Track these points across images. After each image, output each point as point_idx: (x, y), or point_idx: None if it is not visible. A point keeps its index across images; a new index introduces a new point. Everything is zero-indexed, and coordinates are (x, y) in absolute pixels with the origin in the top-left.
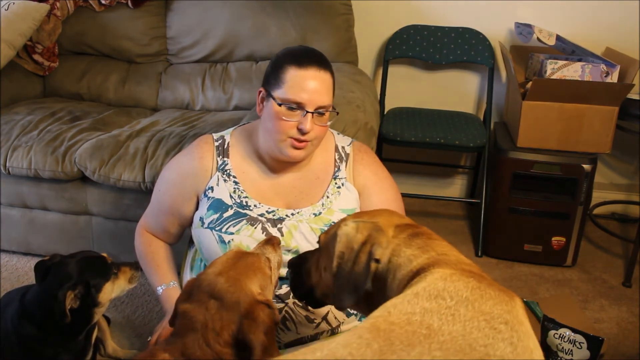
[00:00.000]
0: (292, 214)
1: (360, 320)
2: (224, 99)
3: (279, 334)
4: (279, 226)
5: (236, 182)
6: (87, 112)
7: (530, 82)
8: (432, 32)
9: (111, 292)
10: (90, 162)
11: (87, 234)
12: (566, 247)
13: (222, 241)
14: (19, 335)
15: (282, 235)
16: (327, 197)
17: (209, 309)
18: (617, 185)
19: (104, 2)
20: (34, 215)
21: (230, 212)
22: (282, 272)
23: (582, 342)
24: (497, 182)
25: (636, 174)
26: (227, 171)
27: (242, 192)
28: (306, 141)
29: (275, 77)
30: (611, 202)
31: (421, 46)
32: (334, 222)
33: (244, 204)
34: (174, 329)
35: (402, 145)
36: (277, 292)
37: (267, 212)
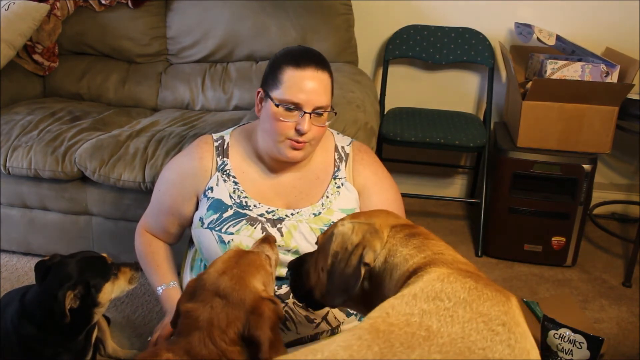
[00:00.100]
0: (291, 214)
1: (360, 320)
2: (224, 99)
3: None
4: (279, 226)
5: (236, 182)
6: (87, 112)
7: (530, 82)
8: (432, 32)
9: (111, 293)
10: (90, 162)
11: (87, 234)
12: (566, 247)
13: (222, 241)
14: (19, 335)
15: (281, 235)
16: (327, 197)
17: (214, 308)
18: (617, 185)
19: (104, 2)
20: (34, 215)
21: (230, 212)
22: (282, 272)
23: (582, 342)
24: (497, 182)
25: (636, 174)
26: (227, 171)
27: (241, 192)
28: (304, 142)
29: (273, 77)
30: (611, 202)
31: (421, 46)
32: (333, 222)
33: (244, 204)
34: (176, 329)
35: (402, 145)
36: (277, 292)
37: (266, 212)
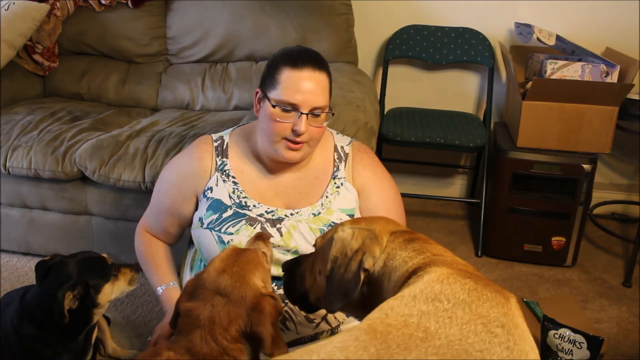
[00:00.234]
0: (291, 214)
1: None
2: (224, 99)
3: None
4: (278, 226)
5: (235, 183)
6: (87, 112)
7: (530, 82)
8: (432, 32)
9: (110, 294)
10: (90, 162)
11: (87, 234)
12: (566, 247)
13: (222, 241)
14: (19, 335)
15: (281, 235)
16: (326, 197)
17: (215, 306)
18: (617, 185)
19: (104, 2)
20: (34, 215)
21: (229, 213)
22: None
23: (582, 342)
24: (497, 182)
25: (636, 174)
26: (226, 171)
27: (241, 192)
28: (301, 142)
29: (270, 78)
30: (611, 202)
31: (421, 46)
32: (333, 222)
33: (243, 204)
34: (176, 329)
35: (402, 145)
36: (277, 292)
37: (266, 212)
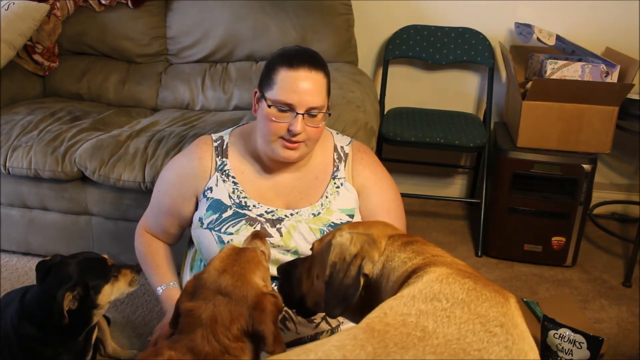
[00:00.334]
0: (291, 214)
1: None
2: (224, 99)
3: None
4: (278, 226)
5: (235, 183)
6: (87, 112)
7: (530, 82)
8: (432, 32)
9: (110, 295)
10: (90, 162)
11: (87, 234)
12: (566, 247)
13: (222, 241)
14: (19, 335)
15: (281, 235)
16: (326, 197)
17: (217, 305)
18: (617, 185)
19: (104, 2)
20: (34, 215)
21: (229, 213)
22: None
23: (582, 342)
24: (497, 182)
25: (636, 174)
26: (226, 171)
27: (241, 192)
28: (298, 142)
29: (267, 78)
30: (611, 202)
31: (421, 46)
32: (333, 222)
33: (243, 204)
34: (176, 329)
35: (402, 145)
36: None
37: (266, 212)
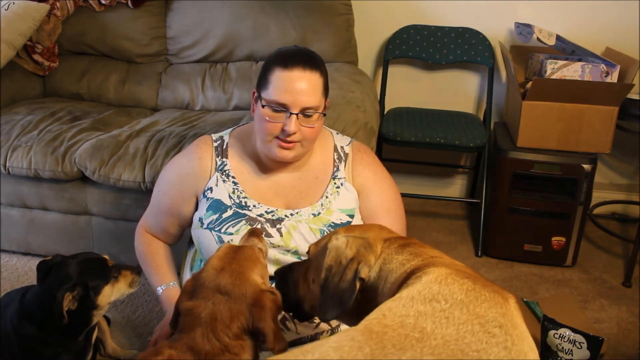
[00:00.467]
0: (291, 214)
1: None
2: (224, 99)
3: None
4: (278, 226)
5: (235, 183)
6: (87, 112)
7: (530, 82)
8: (432, 32)
9: (110, 295)
10: (90, 162)
11: (87, 234)
12: (566, 247)
13: (222, 241)
14: (19, 335)
15: (281, 235)
16: (326, 197)
17: (216, 304)
18: (617, 185)
19: (104, 2)
20: (34, 215)
21: (229, 213)
22: None
23: (582, 342)
24: (497, 182)
25: (636, 174)
26: (226, 171)
27: (241, 193)
28: (293, 142)
29: (263, 78)
30: (611, 202)
31: (421, 46)
32: (333, 222)
33: (243, 204)
34: (176, 328)
35: (402, 145)
36: None
37: (266, 212)
